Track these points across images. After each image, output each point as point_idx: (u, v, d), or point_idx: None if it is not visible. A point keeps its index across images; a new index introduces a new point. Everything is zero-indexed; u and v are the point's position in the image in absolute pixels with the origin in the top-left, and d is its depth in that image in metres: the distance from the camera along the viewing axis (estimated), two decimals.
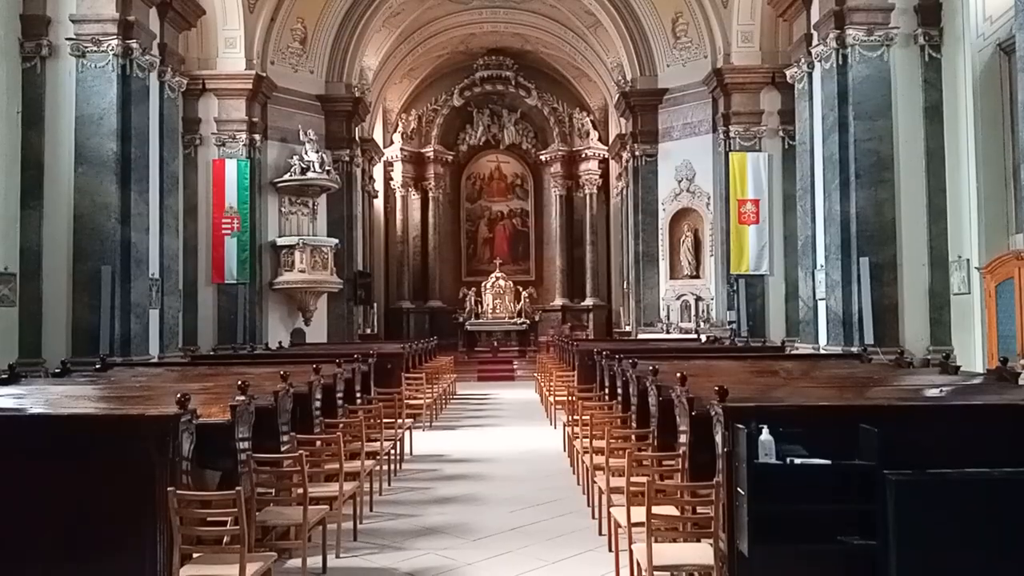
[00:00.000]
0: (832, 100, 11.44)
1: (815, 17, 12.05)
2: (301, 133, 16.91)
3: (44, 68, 11.00)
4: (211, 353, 13.96)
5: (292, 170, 16.72)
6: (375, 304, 21.21)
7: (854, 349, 10.51)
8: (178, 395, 4.23)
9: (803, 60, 12.58)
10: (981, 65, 10.04)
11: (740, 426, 3.94)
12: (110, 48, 11.05)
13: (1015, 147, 9.35)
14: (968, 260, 10.28)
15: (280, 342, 14.83)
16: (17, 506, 3.98)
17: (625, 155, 19.38)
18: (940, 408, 4.94)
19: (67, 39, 11.02)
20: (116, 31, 11.09)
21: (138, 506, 3.93)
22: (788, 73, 13.47)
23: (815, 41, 11.98)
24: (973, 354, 10.02)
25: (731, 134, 15.78)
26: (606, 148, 23.25)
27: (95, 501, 3.97)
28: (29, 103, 10.91)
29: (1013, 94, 9.01)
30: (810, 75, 12.43)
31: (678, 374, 5.43)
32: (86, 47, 11.02)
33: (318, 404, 6.85)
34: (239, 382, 5.15)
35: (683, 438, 5.07)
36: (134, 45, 11.30)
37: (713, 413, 4.28)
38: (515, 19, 20.98)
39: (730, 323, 15.54)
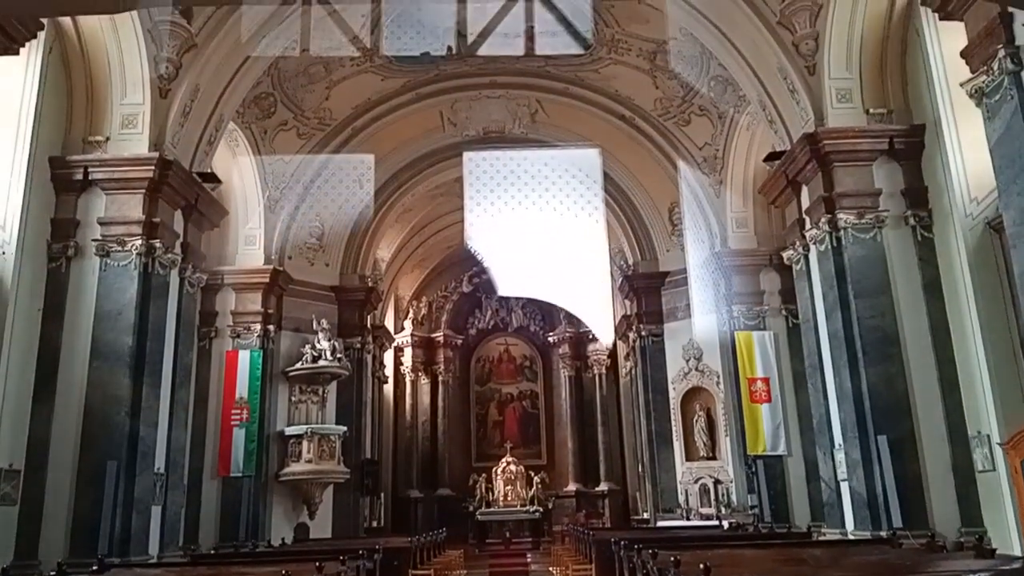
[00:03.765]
0: (831, 279, 11.62)
1: (805, 203, 12.50)
2: (314, 322, 17.24)
3: (69, 267, 11.18)
4: (212, 552, 13.40)
5: (304, 359, 16.91)
6: (382, 494, 20.62)
7: (883, 533, 10.02)
8: None
9: (798, 243, 12.90)
10: (973, 242, 10.21)
11: None
12: (134, 247, 11.33)
13: (1018, 319, 9.42)
14: (988, 436, 10.02)
15: (283, 538, 14.27)
16: None
17: (632, 335, 19.62)
18: None
19: (93, 240, 11.32)
20: (141, 231, 11.40)
21: None
22: (785, 255, 13.81)
23: (808, 225, 12.35)
24: (1008, 534, 9.51)
25: (735, 314, 16.01)
26: (612, 329, 23.58)
27: None
28: (51, 299, 10.99)
29: (1008, 269, 9.16)
30: (806, 256, 12.70)
31: (701, 565, 5.16)
32: (111, 247, 11.30)
33: None
34: None
35: None
36: (157, 244, 11.62)
37: None
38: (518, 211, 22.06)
39: (752, 508, 14.96)
